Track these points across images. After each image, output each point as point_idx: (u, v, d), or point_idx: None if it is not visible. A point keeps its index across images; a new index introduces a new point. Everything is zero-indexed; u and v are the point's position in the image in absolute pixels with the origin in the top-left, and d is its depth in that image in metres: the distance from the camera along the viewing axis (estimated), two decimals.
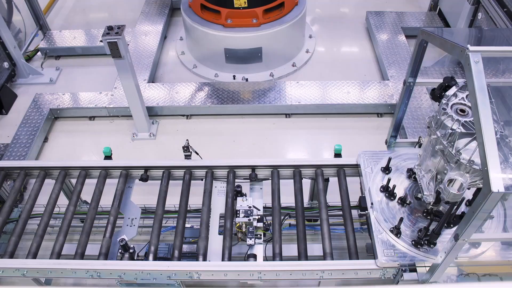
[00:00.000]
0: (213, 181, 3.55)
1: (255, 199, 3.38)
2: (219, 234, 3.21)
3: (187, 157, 3.79)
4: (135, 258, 3.08)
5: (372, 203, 3.03)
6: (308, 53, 6.43)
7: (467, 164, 2.32)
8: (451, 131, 2.39)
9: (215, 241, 3.16)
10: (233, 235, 3.17)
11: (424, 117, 5.25)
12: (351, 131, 5.39)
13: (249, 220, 3.05)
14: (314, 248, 3.76)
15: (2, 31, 5.74)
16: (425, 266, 2.76)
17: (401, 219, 2.79)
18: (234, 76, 6.02)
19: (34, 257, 3.13)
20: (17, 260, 3.10)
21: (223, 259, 3.03)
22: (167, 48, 6.81)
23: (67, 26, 7.37)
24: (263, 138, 5.35)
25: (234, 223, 3.15)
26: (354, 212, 3.45)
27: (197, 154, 3.98)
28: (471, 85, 2.14)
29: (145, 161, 3.70)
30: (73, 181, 3.75)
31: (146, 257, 3.09)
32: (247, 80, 5.95)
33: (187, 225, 3.82)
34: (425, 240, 2.77)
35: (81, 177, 3.60)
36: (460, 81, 2.65)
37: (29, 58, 6.68)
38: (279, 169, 3.54)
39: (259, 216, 3.13)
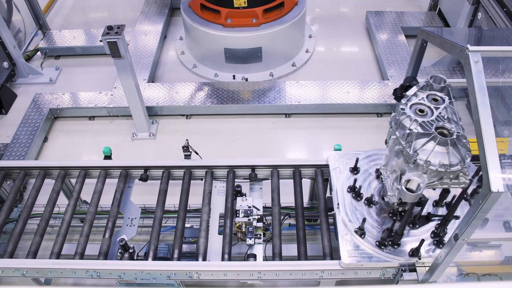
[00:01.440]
0: (213, 181, 3.55)
1: (255, 199, 3.38)
2: (219, 234, 3.21)
3: (187, 157, 3.79)
4: (135, 258, 3.08)
5: (338, 204, 3.00)
6: (308, 53, 6.43)
7: (424, 165, 2.29)
8: (409, 131, 2.36)
9: (215, 241, 3.16)
10: (233, 235, 3.17)
11: None
12: (351, 131, 5.39)
13: (249, 220, 3.05)
14: (314, 248, 3.76)
15: (1, 31, 5.73)
16: (387, 268, 2.77)
17: (364, 220, 2.77)
18: (234, 76, 6.02)
19: (34, 257, 3.13)
20: (17, 260, 3.10)
21: (222, 259, 3.03)
22: (167, 47, 6.81)
23: (67, 26, 7.37)
24: (263, 138, 5.35)
25: (234, 223, 3.15)
26: None
27: (197, 154, 3.98)
28: (470, 85, 2.14)
29: (145, 161, 3.70)
30: (73, 181, 3.75)
31: (145, 257, 3.09)
32: (247, 80, 5.95)
33: (187, 225, 3.83)
34: (389, 241, 2.75)
35: (81, 177, 3.60)
36: (422, 81, 2.62)
37: (28, 58, 6.68)
38: (279, 169, 3.54)
39: (258, 216, 3.13)
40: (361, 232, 2.81)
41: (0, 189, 3.80)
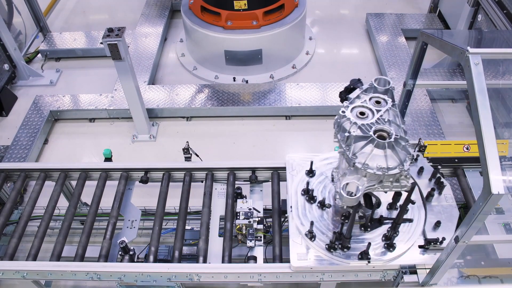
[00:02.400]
0: (213, 183, 3.55)
1: (255, 201, 3.38)
2: (219, 236, 3.21)
3: (187, 159, 3.79)
4: (135, 260, 3.08)
5: (291, 206, 2.98)
6: (308, 55, 6.44)
7: (362, 168, 2.27)
8: (348, 134, 2.34)
9: (215, 243, 3.16)
10: (233, 237, 3.17)
11: (424, 119, 5.26)
12: None
13: (249, 222, 3.05)
14: None
15: (2, 33, 5.75)
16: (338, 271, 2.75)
17: (312, 223, 2.75)
18: (234, 78, 6.03)
19: (34, 259, 3.13)
20: (17, 262, 3.09)
21: (223, 261, 3.02)
22: (167, 50, 6.82)
23: (67, 28, 7.38)
24: (263, 140, 5.35)
25: (234, 225, 3.15)
26: None
27: (197, 156, 3.98)
28: (471, 87, 2.14)
29: (145, 163, 3.70)
30: (73, 183, 3.75)
31: (146, 259, 3.09)
32: (247, 82, 5.96)
33: (187, 227, 3.83)
34: (339, 244, 2.74)
35: (81, 179, 3.60)
36: (366, 84, 2.60)
37: (29, 60, 6.69)
38: (279, 171, 3.53)
39: (259, 218, 3.13)
40: (311, 235, 2.78)
41: (1, 191, 3.80)
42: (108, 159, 3.86)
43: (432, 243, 2.70)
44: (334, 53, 6.69)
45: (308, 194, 2.98)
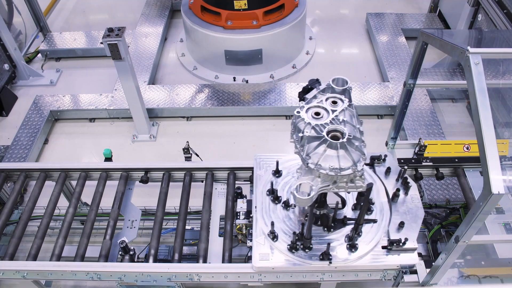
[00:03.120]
0: (213, 183, 3.55)
1: None
2: (220, 236, 3.21)
3: (187, 159, 3.78)
4: (136, 260, 3.08)
5: (256, 207, 2.97)
6: (308, 55, 6.44)
7: (315, 168, 2.26)
8: (302, 134, 2.32)
9: (216, 243, 3.16)
10: (234, 237, 3.17)
11: (424, 119, 5.26)
12: None
13: (249, 221, 3.04)
14: None
15: (2, 33, 5.75)
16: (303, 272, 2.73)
17: (272, 223, 2.73)
18: (234, 78, 6.02)
19: (34, 259, 3.13)
20: (17, 262, 3.09)
21: (223, 261, 3.02)
22: (167, 50, 6.82)
23: (68, 28, 7.39)
24: (263, 140, 5.35)
25: (234, 225, 3.15)
26: None
27: (197, 156, 3.98)
28: (471, 86, 2.14)
29: (145, 163, 3.69)
30: (73, 183, 3.74)
31: (146, 259, 3.09)
32: (247, 82, 5.96)
33: (187, 227, 3.83)
34: (301, 244, 2.72)
35: (81, 179, 3.60)
36: (324, 84, 2.58)
37: (29, 60, 6.69)
38: None
39: None
40: (273, 235, 2.77)
41: (1, 191, 3.80)
42: (108, 159, 3.86)
43: (395, 244, 2.68)
44: (334, 53, 6.69)
45: (273, 194, 2.97)
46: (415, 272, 2.80)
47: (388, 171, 3.11)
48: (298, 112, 2.38)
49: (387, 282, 2.91)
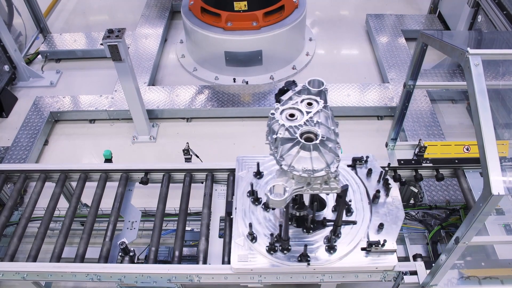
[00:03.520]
0: (213, 184, 3.55)
1: None
2: (220, 237, 3.21)
3: (187, 160, 3.79)
4: (135, 261, 3.07)
5: (236, 208, 2.96)
6: (308, 56, 6.44)
7: (288, 170, 2.25)
8: (276, 136, 2.32)
9: (216, 244, 3.16)
10: None
11: (424, 120, 5.26)
12: (351, 133, 5.39)
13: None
14: None
15: (2, 34, 5.75)
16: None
17: (250, 225, 2.73)
18: (234, 79, 6.03)
19: (34, 260, 3.13)
20: (17, 263, 3.09)
21: (223, 262, 3.02)
22: (167, 51, 6.83)
23: (68, 29, 7.39)
24: (263, 141, 5.31)
25: None
26: None
27: (197, 157, 3.98)
28: (471, 88, 2.14)
29: (145, 164, 3.70)
30: (73, 184, 3.74)
31: (146, 260, 3.09)
32: (247, 83, 5.96)
33: (187, 228, 3.82)
34: (279, 246, 2.72)
35: (81, 180, 3.60)
36: (300, 85, 2.57)
37: (29, 61, 6.69)
38: None
39: None
40: (251, 237, 2.76)
41: (1, 192, 3.80)
42: (108, 160, 3.86)
43: (373, 246, 2.68)
44: (334, 54, 6.70)
45: (254, 196, 2.96)
46: (415, 273, 2.80)
47: (369, 172, 3.11)
48: (272, 113, 2.38)
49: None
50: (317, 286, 3.06)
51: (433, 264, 2.69)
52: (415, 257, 3.46)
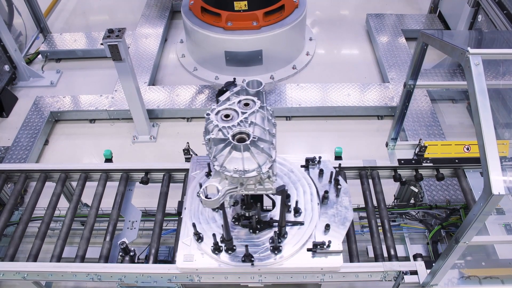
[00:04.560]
0: None
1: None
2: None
3: (188, 159, 3.78)
4: (136, 261, 3.08)
5: (185, 208, 2.97)
6: (309, 56, 6.44)
7: (221, 170, 2.26)
8: (209, 136, 2.32)
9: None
10: None
11: (425, 119, 5.26)
12: (352, 133, 5.39)
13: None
14: None
15: (3, 34, 5.75)
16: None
17: (194, 225, 2.73)
18: (234, 79, 6.02)
19: (35, 260, 3.13)
20: (18, 263, 3.10)
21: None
22: (167, 50, 6.83)
23: (68, 29, 7.39)
24: None
25: None
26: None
27: None
28: (471, 87, 2.14)
29: (145, 163, 3.70)
30: (74, 184, 3.75)
31: (146, 260, 3.09)
32: None
33: None
34: (224, 246, 2.72)
35: (82, 180, 3.60)
36: (238, 86, 2.58)
37: (29, 61, 6.70)
38: None
39: None
40: (197, 236, 2.77)
41: (1, 192, 3.80)
42: (108, 160, 3.85)
43: (318, 247, 2.69)
44: (334, 53, 6.70)
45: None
46: (415, 273, 2.80)
47: (321, 172, 3.12)
48: (208, 114, 2.39)
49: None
50: (317, 286, 3.06)
51: (433, 264, 2.69)
52: (415, 256, 3.45)
